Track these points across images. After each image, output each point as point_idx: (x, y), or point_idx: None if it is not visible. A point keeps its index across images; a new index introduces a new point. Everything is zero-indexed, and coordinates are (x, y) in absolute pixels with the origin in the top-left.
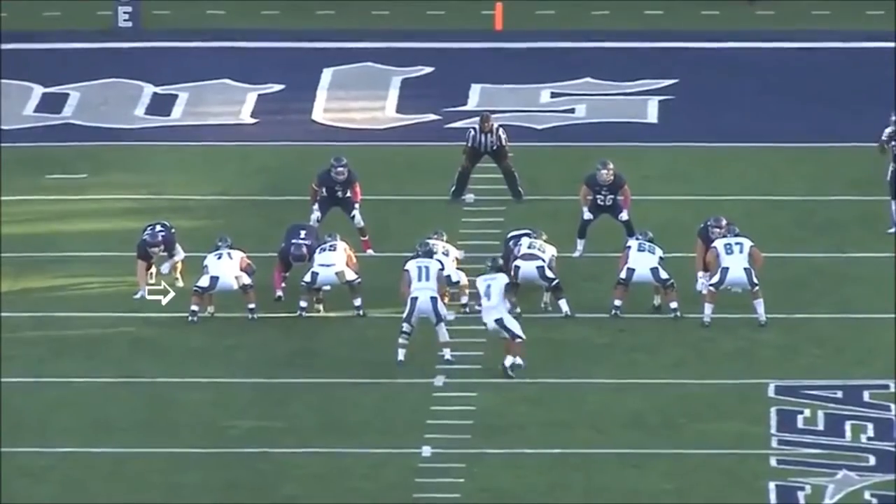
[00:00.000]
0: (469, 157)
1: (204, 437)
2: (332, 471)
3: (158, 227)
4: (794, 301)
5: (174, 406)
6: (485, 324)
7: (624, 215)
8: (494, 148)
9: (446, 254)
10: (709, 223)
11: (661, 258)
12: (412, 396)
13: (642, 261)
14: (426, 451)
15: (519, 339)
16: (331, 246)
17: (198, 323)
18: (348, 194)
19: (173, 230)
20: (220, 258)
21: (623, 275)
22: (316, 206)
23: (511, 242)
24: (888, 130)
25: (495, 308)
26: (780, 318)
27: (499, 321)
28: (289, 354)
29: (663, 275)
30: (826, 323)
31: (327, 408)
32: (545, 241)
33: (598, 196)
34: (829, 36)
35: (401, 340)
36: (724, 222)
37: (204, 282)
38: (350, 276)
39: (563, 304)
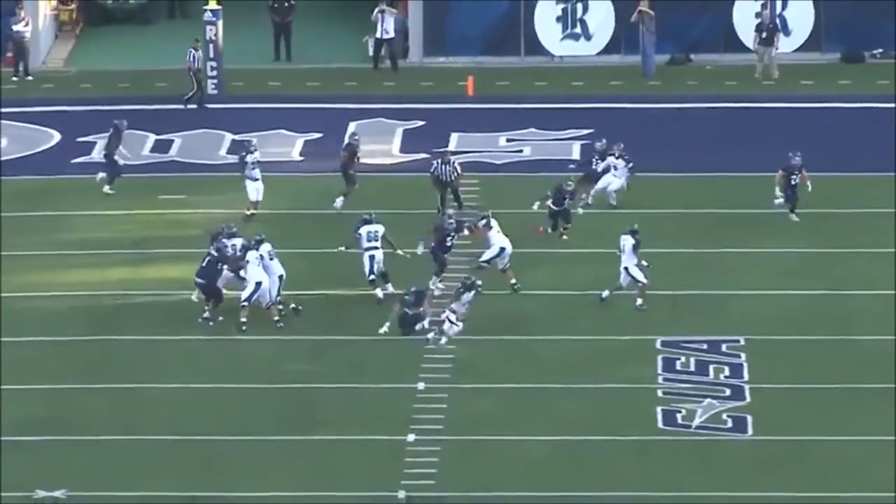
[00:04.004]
0: (434, 183)
1: (267, 377)
2: (356, 400)
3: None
4: (680, 283)
5: (247, 357)
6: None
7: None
8: (452, 178)
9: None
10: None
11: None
12: (412, 349)
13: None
14: (420, 385)
15: (641, 284)
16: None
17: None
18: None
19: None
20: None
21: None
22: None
23: (358, 230)
24: None
25: (627, 259)
26: (669, 294)
27: (626, 269)
28: (326, 320)
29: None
30: (701, 297)
31: (352, 357)
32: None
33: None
34: (699, 98)
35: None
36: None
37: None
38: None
39: (379, 291)
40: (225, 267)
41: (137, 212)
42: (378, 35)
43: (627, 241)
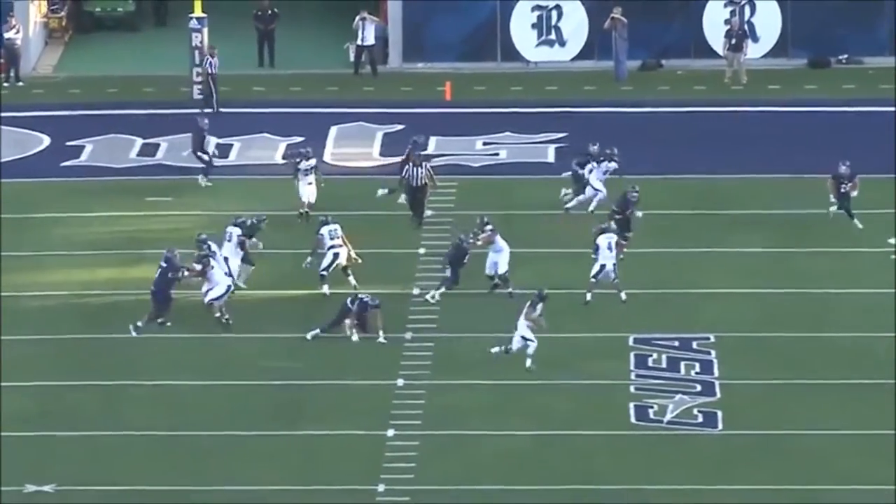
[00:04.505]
0: (406, 188)
1: (252, 374)
2: (338, 396)
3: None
4: (653, 282)
5: (233, 355)
6: (602, 266)
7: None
8: (423, 182)
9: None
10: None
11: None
12: (391, 347)
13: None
14: (400, 381)
15: (617, 280)
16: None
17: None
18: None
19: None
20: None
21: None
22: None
23: (320, 230)
24: None
25: (611, 258)
26: (642, 293)
27: (614, 266)
28: (308, 318)
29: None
30: (672, 296)
31: (334, 354)
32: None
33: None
34: (670, 103)
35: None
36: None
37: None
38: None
39: (326, 288)
40: (181, 274)
41: (125, 213)
42: (359, 42)
43: (613, 239)
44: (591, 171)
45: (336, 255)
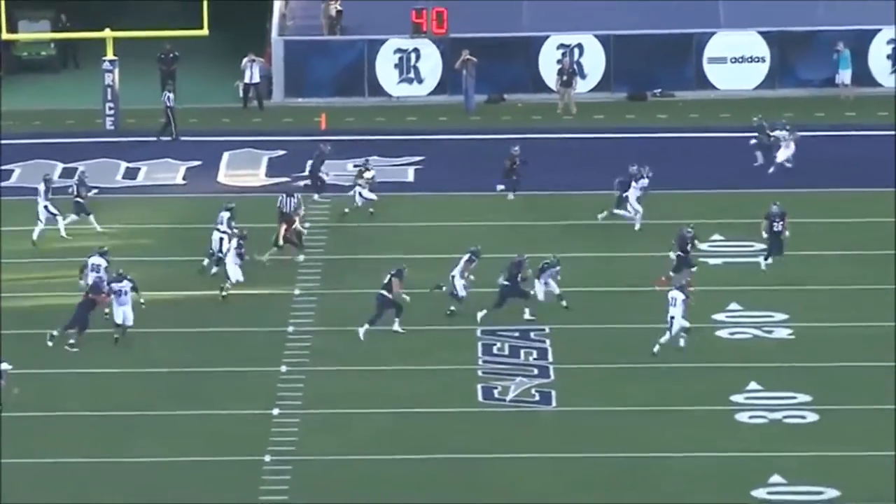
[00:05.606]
0: (277, 216)
1: (161, 363)
2: (230, 381)
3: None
4: (496, 283)
5: (144, 347)
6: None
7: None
8: (292, 210)
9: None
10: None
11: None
12: (276, 338)
13: None
14: (283, 368)
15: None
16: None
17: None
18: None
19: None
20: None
21: None
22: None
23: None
24: None
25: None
26: (490, 292)
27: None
28: (206, 316)
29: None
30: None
31: (227, 345)
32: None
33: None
34: (512, 130)
35: None
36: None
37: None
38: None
39: (214, 268)
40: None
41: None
42: (246, 80)
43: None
44: (629, 190)
45: (222, 240)
